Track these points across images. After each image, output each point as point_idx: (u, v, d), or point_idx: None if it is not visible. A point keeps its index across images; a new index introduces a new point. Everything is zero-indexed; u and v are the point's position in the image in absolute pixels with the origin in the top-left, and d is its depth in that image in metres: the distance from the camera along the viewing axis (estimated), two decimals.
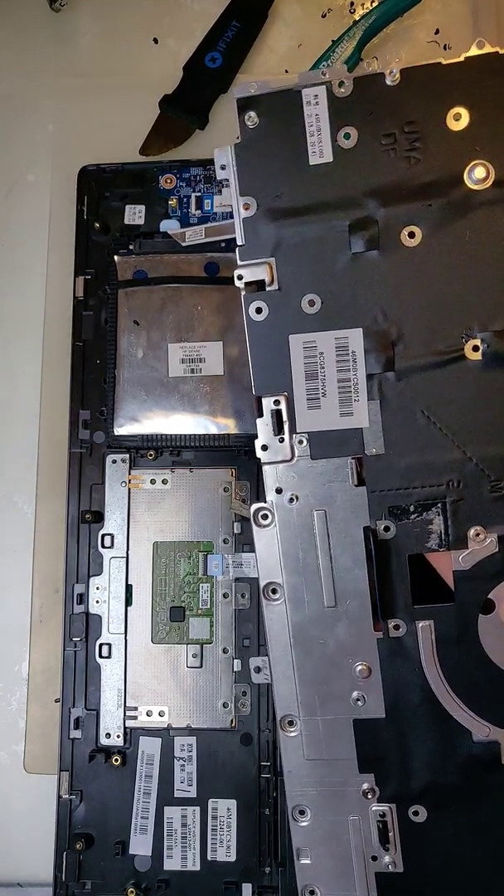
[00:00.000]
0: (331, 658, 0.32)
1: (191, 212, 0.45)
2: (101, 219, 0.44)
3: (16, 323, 0.47)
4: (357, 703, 0.32)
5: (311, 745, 0.33)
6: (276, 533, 0.32)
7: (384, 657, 0.32)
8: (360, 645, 0.32)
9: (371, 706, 0.32)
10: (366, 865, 0.32)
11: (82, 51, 0.50)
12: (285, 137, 0.31)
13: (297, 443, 0.32)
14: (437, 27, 0.49)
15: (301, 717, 0.33)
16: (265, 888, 0.38)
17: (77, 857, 0.39)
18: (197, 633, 0.41)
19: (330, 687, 0.32)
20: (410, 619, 0.32)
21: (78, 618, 0.41)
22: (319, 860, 0.33)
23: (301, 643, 0.32)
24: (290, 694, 0.33)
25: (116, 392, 0.41)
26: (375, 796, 0.32)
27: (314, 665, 0.32)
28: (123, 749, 0.40)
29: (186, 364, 0.41)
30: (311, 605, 0.32)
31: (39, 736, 0.42)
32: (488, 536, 0.31)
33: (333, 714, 0.32)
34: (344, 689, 0.32)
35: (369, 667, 0.32)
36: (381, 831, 0.32)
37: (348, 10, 0.50)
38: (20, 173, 0.48)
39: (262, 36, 0.49)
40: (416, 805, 0.32)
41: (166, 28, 0.50)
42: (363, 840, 0.32)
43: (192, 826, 0.39)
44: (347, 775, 0.32)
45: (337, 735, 0.32)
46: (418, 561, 0.32)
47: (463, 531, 0.31)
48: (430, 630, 0.32)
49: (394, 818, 0.32)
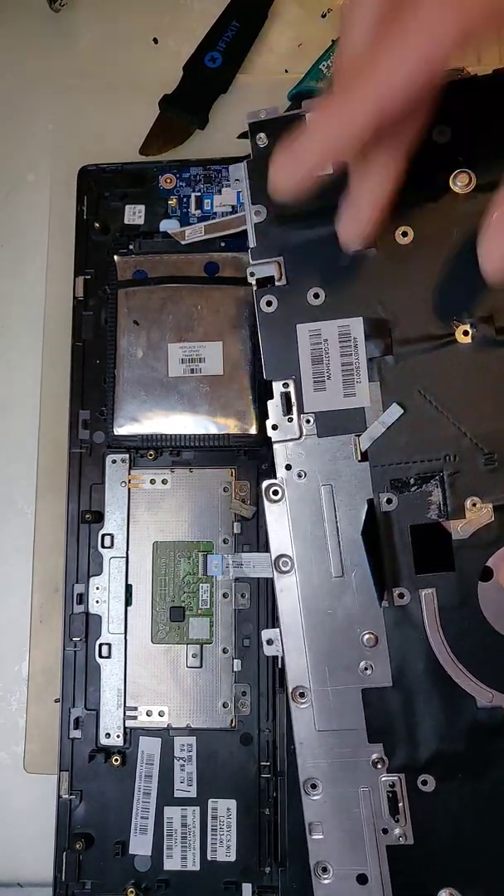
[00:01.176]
0: (339, 628, 0.34)
1: (191, 211, 0.45)
2: (101, 219, 0.44)
3: (16, 323, 0.47)
4: (365, 672, 0.34)
5: (322, 716, 0.34)
6: (286, 507, 0.35)
7: (390, 626, 0.33)
8: (367, 614, 0.34)
9: (378, 675, 0.33)
10: (377, 838, 0.33)
11: (82, 51, 0.50)
12: None
13: (305, 422, 0.35)
14: None
15: (312, 688, 0.34)
16: (265, 888, 0.38)
17: (77, 857, 0.39)
18: (197, 633, 0.41)
19: (339, 657, 0.34)
20: (414, 587, 0.33)
21: (78, 618, 0.41)
22: (331, 834, 0.34)
23: (311, 614, 0.34)
24: (301, 665, 0.34)
25: (116, 392, 0.41)
26: (385, 766, 0.33)
27: (324, 635, 0.34)
28: (123, 749, 0.40)
29: (186, 364, 0.41)
30: (319, 575, 0.34)
31: (39, 736, 0.42)
32: (484, 506, 0.33)
33: (343, 684, 0.34)
34: (352, 659, 0.34)
35: (376, 635, 0.33)
36: (390, 802, 0.33)
37: None
38: (20, 173, 0.49)
39: (262, 36, 0.49)
40: (424, 775, 0.33)
41: (166, 28, 0.50)
42: (374, 812, 0.33)
43: (191, 826, 0.39)
44: (357, 746, 0.34)
45: (346, 705, 0.34)
46: (420, 531, 0.34)
47: (460, 502, 0.33)
48: (433, 598, 0.33)
49: (403, 788, 0.33)
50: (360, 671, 0.34)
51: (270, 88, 0.47)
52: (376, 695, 0.33)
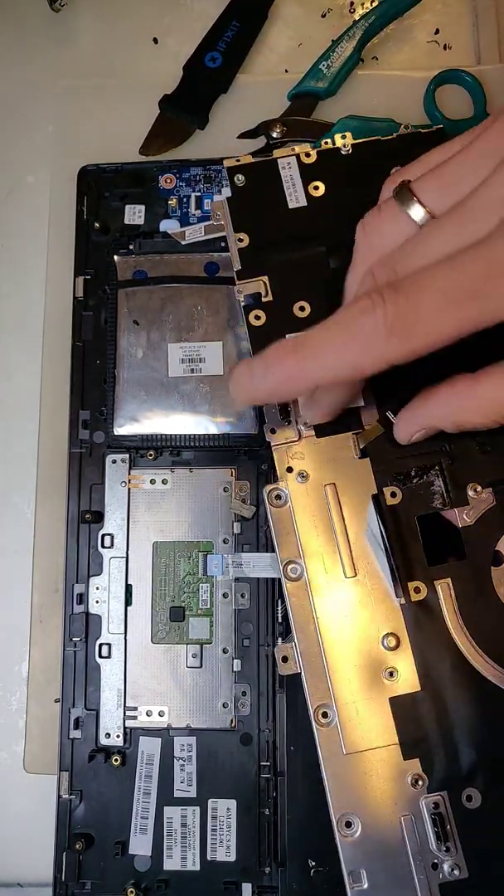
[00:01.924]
0: (358, 634, 0.33)
1: (191, 212, 0.45)
2: (101, 219, 0.44)
3: (16, 323, 0.47)
4: (390, 678, 0.32)
5: (349, 736, 0.32)
6: (291, 511, 0.35)
7: (410, 623, 0.33)
8: (385, 614, 0.33)
9: (405, 680, 0.32)
10: (428, 878, 0.30)
11: (82, 51, 0.50)
12: (268, 190, 0.38)
13: (302, 424, 0.35)
14: (437, 27, 0.49)
15: (335, 705, 0.32)
16: (265, 888, 0.38)
17: (77, 857, 0.39)
18: (197, 633, 0.41)
19: (361, 666, 0.33)
20: (428, 580, 0.33)
21: (78, 618, 0.41)
22: (376, 880, 0.30)
23: (326, 622, 0.33)
24: (322, 681, 0.33)
25: (116, 392, 0.41)
26: (425, 785, 0.31)
27: (342, 644, 0.33)
28: (123, 749, 0.40)
29: (186, 364, 0.41)
30: (331, 578, 0.34)
31: (39, 736, 0.42)
32: (485, 490, 0.34)
33: (367, 695, 0.32)
34: (375, 666, 0.33)
35: (397, 636, 0.33)
36: (437, 826, 0.31)
37: (348, 10, 0.50)
38: (20, 174, 0.49)
39: (262, 36, 0.49)
40: (468, 788, 0.31)
41: (166, 28, 0.50)
42: (420, 844, 0.31)
43: (191, 826, 0.39)
44: (392, 766, 0.32)
45: (374, 719, 0.32)
46: (427, 521, 0.34)
47: (462, 488, 0.34)
48: (450, 588, 0.33)
49: (448, 808, 0.31)
50: (385, 677, 0.32)
51: (270, 88, 0.47)
52: (405, 703, 0.32)
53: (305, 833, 0.38)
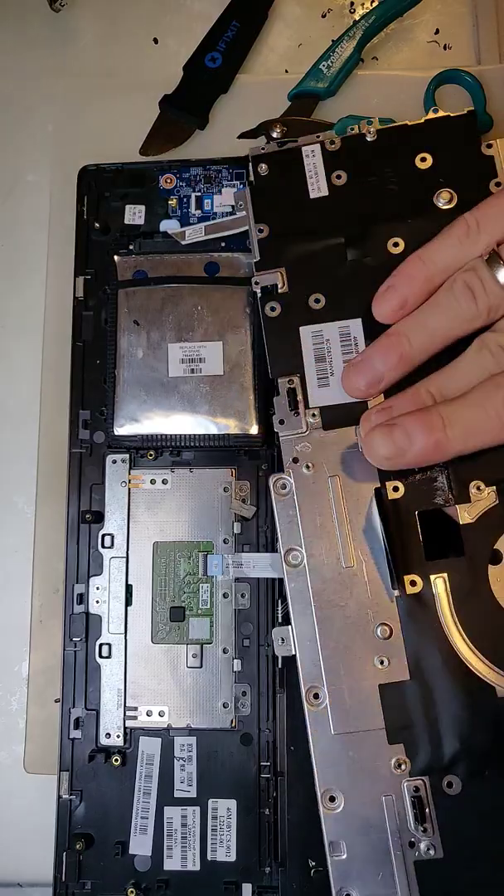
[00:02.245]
0: (352, 621, 0.34)
1: (191, 212, 0.45)
2: (101, 219, 0.44)
3: (16, 323, 0.47)
4: (381, 666, 0.33)
5: (338, 718, 0.33)
6: (294, 500, 0.35)
7: (403, 615, 0.34)
8: (380, 605, 0.34)
9: (395, 668, 0.33)
10: (404, 854, 0.32)
11: (82, 51, 0.50)
12: (290, 179, 0.38)
13: (311, 416, 0.36)
14: (437, 27, 0.49)
15: (326, 688, 0.33)
16: (265, 888, 0.38)
17: (77, 857, 0.39)
18: (197, 633, 0.41)
19: (353, 652, 0.34)
20: (425, 574, 0.34)
21: (78, 618, 0.41)
22: (354, 853, 0.32)
23: (322, 608, 0.34)
24: (315, 663, 0.34)
25: (116, 392, 0.41)
26: (407, 769, 0.32)
27: (336, 630, 0.34)
28: (123, 749, 0.40)
29: (186, 364, 0.41)
30: (329, 567, 0.34)
31: (39, 736, 0.42)
32: (488, 489, 0.34)
33: (358, 680, 0.33)
34: (367, 653, 0.33)
35: (390, 627, 0.33)
36: (416, 808, 0.32)
37: (348, 10, 0.50)
38: (20, 173, 0.49)
39: (262, 36, 0.49)
40: (449, 775, 0.32)
41: (166, 28, 0.50)
42: (398, 823, 0.32)
43: (192, 826, 0.39)
44: (377, 748, 0.33)
45: (363, 703, 0.33)
46: (427, 517, 0.34)
47: (464, 486, 0.34)
48: (445, 583, 0.33)
49: (428, 792, 0.32)
50: (376, 665, 0.33)
51: (270, 88, 0.47)
52: (394, 690, 0.33)
53: (305, 833, 0.38)
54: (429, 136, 0.38)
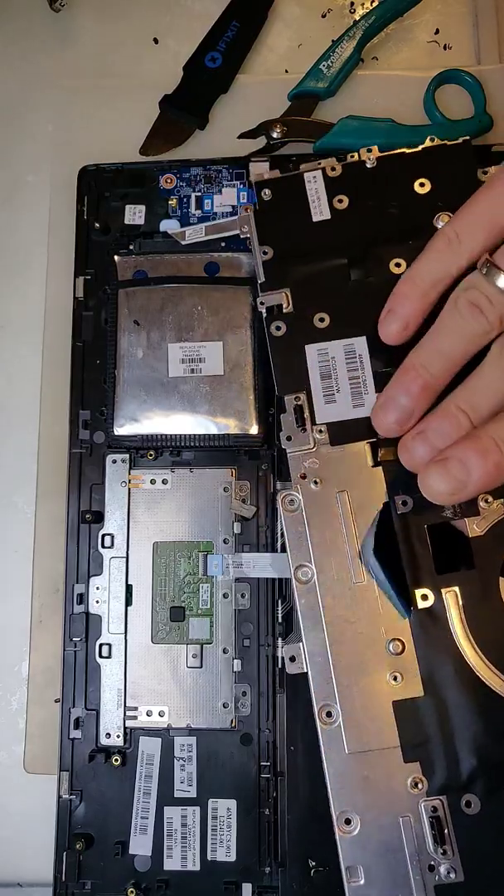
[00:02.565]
0: (364, 637, 0.34)
1: (191, 212, 0.45)
2: (101, 219, 0.44)
3: (16, 323, 0.47)
4: (394, 682, 0.33)
5: (352, 736, 0.33)
6: (303, 516, 0.35)
7: (416, 630, 0.33)
8: (392, 620, 0.34)
9: (408, 685, 0.33)
10: (423, 879, 0.31)
11: (82, 51, 0.50)
12: (293, 204, 0.39)
13: (318, 433, 0.36)
14: (437, 27, 0.49)
15: (339, 705, 0.33)
16: (265, 888, 0.38)
17: (77, 857, 0.39)
18: (197, 633, 0.41)
19: (366, 668, 0.33)
20: (436, 588, 0.33)
21: (78, 618, 0.41)
22: (372, 877, 0.31)
23: (334, 624, 0.34)
24: (327, 681, 0.33)
25: (116, 392, 0.41)
26: (424, 788, 0.32)
27: (348, 647, 0.34)
28: (123, 749, 0.40)
29: (186, 364, 0.41)
30: (340, 583, 0.34)
31: (39, 736, 0.42)
32: (496, 502, 0.34)
33: (371, 697, 0.33)
34: (380, 670, 0.33)
35: (403, 642, 0.33)
36: (434, 829, 0.31)
37: (348, 10, 0.50)
38: (20, 173, 0.49)
39: (262, 36, 0.49)
40: (467, 794, 0.32)
41: (166, 28, 0.50)
42: (417, 845, 0.31)
43: (192, 826, 0.39)
44: (392, 767, 0.32)
45: (377, 721, 0.33)
46: (436, 531, 0.34)
47: (473, 499, 0.34)
48: (457, 597, 0.33)
49: (446, 812, 0.31)
50: (389, 681, 0.33)
51: (270, 88, 0.47)
52: (408, 707, 0.32)
53: (305, 833, 0.38)
54: (427, 162, 0.39)
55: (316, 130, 0.46)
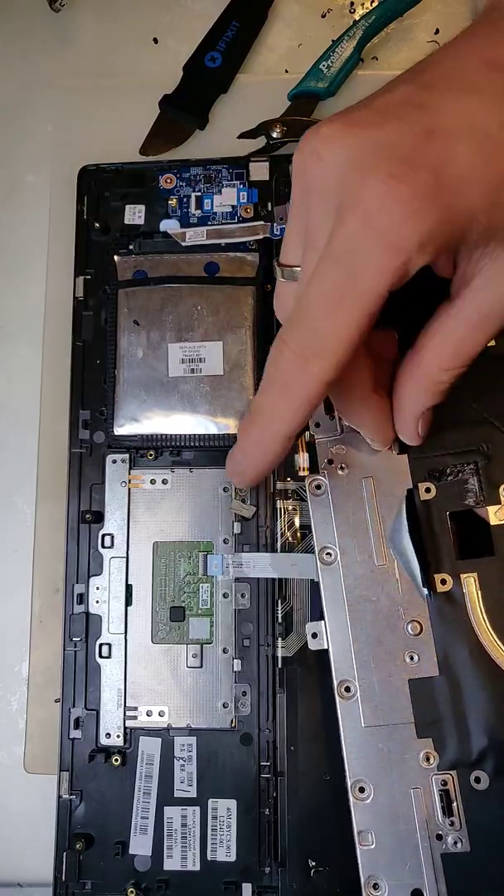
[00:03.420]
0: (383, 617, 0.35)
1: (191, 212, 0.45)
2: (101, 219, 0.44)
3: (16, 323, 0.47)
4: (411, 662, 0.34)
5: (369, 711, 0.34)
6: (329, 500, 0.36)
7: (434, 613, 0.34)
8: (411, 602, 0.34)
9: (424, 664, 0.34)
10: (431, 846, 0.32)
11: (82, 51, 0.50)
12: None
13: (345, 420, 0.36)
14: (437, 27, 0.49)
15: (357, 681, 0.34)
16: (265, 888, 0.38)
17: (77, 857, 0.39)
18: (197, 633, 0.41)
19: (384, 647, 0.34)
20: (455, 573, 0.34)
21: (78, 618, 0.41)
22: (382, 843, 0.33)
23: (354, 604, 0.35)
24: (347, 658, 0.34)
25: (116, 392, 0.41)
26: (435, 763, 0.33)
27: (368, 626, 0.35)
28: (123, 749, 0.40)
29: (186, 364, 0.41)
30: (362, 565, 0.35)
31: (39, 736, 0.42)
32: None
33: (389, 675, 0.34)
34: (397, 649, 0.34)
35: (421, 623, 0.34)
36: (443, 801, 0.32)
37: (348, 10, 0.50)
38: (20, 173, 0.49)
39: (262, 36, 0.49)
40: (477, 771, 0.33)
41: (166, 28, 0.50)
42: (426, 815, 0.33)
43: (192, 826, 0.39)
44: (406, 742, 0.33)
45: (393, 697, 0.34)
46: (458, 518, 0.35)
47: (495, 488, 0.34)
48: (475, 582, 0.34)
49: (456, 786, 0.33)
50: (406, 661, 0.34)
51: (270, 88, 0.47)
52: (423, 686, 0.34)
53: (305, 833, 0.38)
54: None
55: None
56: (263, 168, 0.44)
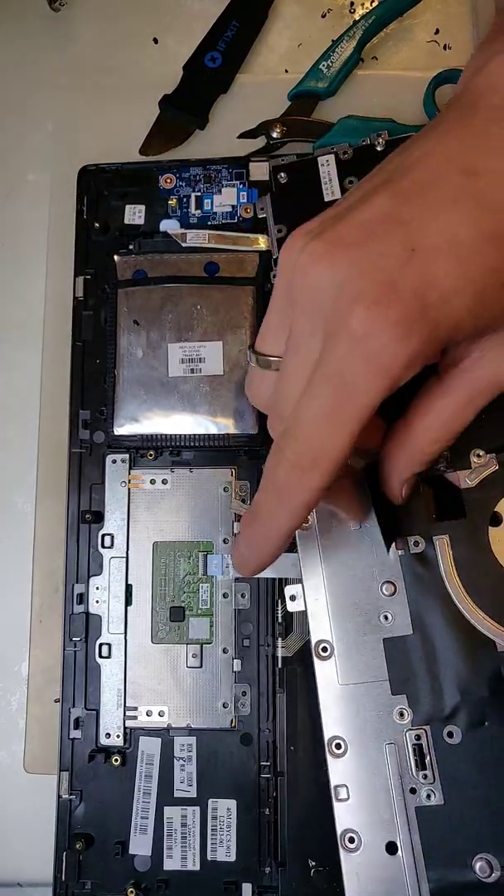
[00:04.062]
0: (359, 579, 0.35)
1: (191, 212, 0.45)
2: (101, 219, 0.44)
3: (16, 323, 0.47)
4: (385, 622, 0.35)
5: (345, 670, 0.35)
6: None
7: (407, 574, 0.35)
8: (385, 564, 0.35)
9: (398, 624, 0.35)
10: (405, 800, 0.33)
11: (82, 51, 0.50)
12: (306, 185, 0.41)
13: None
14: (437, 27, 0.49)
15: (334, 641, 0.35)
16: (265, 888, 0.38)
17: (77, 857, 0.39)
18: (197, 633, 0.41)
19: (359, 607, 0.35)
20: (428, 535, 0.35)
21: (78, 618, 0.41)
22: (358, 797, 0.33)
23: (331, 566, 0.36)
24: (324, 619, 0.35)
25: (116, 392, 0.41)
26: (409, 718, 0.34)
27: (344, 587, 0.35)
28: (123, 749, 0.40)
29: (186, 364, 0.41)
30: (338, 528, 0.36)
31: (39, 736, 0.42)
32: (487, 456, 0.35)
33: (364, 634, 0.35)
34: (372, 609, 0.35)
35: (395, 584, 0.35)
36: (417, 755, 0.33)
37: (348, 10, 0.50)
38: (20, 173, 0.49)
39: (262, 36, 0.49)
40: (450, 725, 0.33)
41: (166, 28, 0.50)
42: (401, 770, 0.33)
43: (191, 826, 0.39)
44: (380, 699, 0.34)
45: (368, 656, 0.35)
46: (430, 482, 0.35)
47: (465, 454, 0.35)
48: (447, 544, 0.35)
49: (429, 741, 0.33)
50: (381, 620, 0.35)
51: (270, 88, 0.47)
52: (397, 644, 0.34)
53: (305, 833, 0.38)
54: None
55: (316, 130, 0.46)
56: (263, 168, 0.44)
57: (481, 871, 0.31)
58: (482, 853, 0.31)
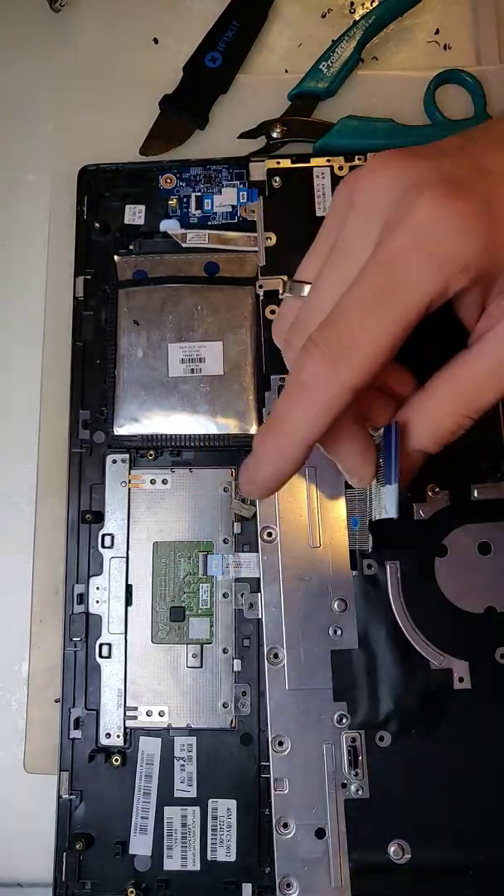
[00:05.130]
0: (313, 594, 0.39)
1: (191, 212, 0.45)
2: (101, 219, 0.44)
3: (16, 323, 0.47)
4: (335, 635, 0.38)
5: (293, 676, 0.38)
6: None
7: (358, 593, 0.39)
8: (339, 582, 0.39)
9: (346, 638, 0.38)
10: (336, 794, 0.37)
11: (82, 51, 0.50)
12: (299, 196, 0.43)
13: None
14: (437, 27, 0.49)
15: (285, 649, 0.38)
16: (265, 888, 0.38)
17: (77, 857, 0.39)
18: (197, 633, 0.41)
19: (312, 621, 0.39)
20: (380, 560, 0.39)
21: (78, 618, 0.41)
22: (294, 789, 0.37)
23: (289, 580, 0.39)
24: (278, 628, 0.39)
25: (116, 392, 0.41)
26: (347, 723, 0.38)
27: (299, 601, 0.39)
28: (123, 749, 0.40)
29: (186, 364, 0.41)
30: (298, 546, 0.39)
31: (39, 736, 0.42)
32: (442, 493, 0.40)
33: (313, 645, 0.38)
34: (324, 623, 0.39)
35: (346, 601, 0.39)
36: (350, 755, 0.37)
37: (348, 10, 0.50)
38: (20, 173, 0.49)
39: (262, 36, 0.49)
40: (382, 731, 0.38)
41: (166, 28, 0.50)
42: (335, 767, 0.37)
43: (191, 826, 0.39)
44: (323, 704, 0.38)
45: (315, 666, 0.38)
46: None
47: (422, 489, 0.39)
48: (397, 569, 0.39)
49: (362, 743, 0.38)
50: (331, 634, 0.38)
51: (270, 88, 0.47)
52: (343, 657, 0.38)
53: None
54: None
55: (316, 130, 0.46)
56: (263, 168, 0.44)
57: (395, 854, 0.36)
58: (397, 839, 0.36)
